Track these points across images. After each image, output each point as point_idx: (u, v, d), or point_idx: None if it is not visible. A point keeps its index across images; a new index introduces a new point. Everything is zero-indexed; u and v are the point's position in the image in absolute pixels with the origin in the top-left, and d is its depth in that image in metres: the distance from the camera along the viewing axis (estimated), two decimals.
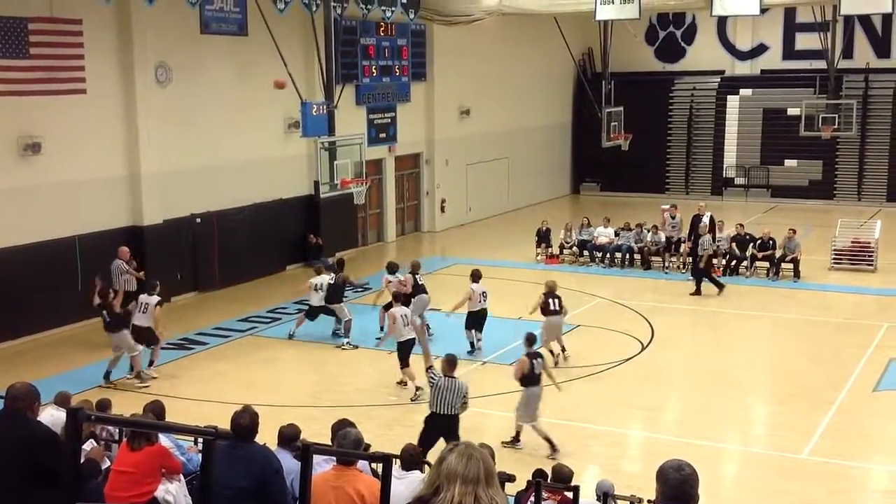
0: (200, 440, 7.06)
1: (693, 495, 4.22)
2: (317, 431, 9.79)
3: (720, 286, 21.17)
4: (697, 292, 21.01)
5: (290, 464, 6.53)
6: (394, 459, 7.46)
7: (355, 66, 25.08)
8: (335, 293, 17.79)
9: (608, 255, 24.42)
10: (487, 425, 14.05)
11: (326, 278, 17.81)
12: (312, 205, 24.20)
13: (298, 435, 7.30)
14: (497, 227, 30.37)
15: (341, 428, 7.85)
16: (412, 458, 7.37)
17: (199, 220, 21.47)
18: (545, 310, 16.49)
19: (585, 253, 24.76)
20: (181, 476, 7.04)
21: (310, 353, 17.29)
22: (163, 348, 16.66)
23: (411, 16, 25.76)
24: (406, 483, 7.00)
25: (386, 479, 5.13)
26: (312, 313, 17.86)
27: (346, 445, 6.13)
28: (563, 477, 8.23)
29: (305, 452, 4.88)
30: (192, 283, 21.40)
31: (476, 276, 17.55)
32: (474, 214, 31.07)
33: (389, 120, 27.68)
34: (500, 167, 32.51)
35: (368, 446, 8.16)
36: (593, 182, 37.20)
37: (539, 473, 8.99)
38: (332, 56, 22.96)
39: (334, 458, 6.19)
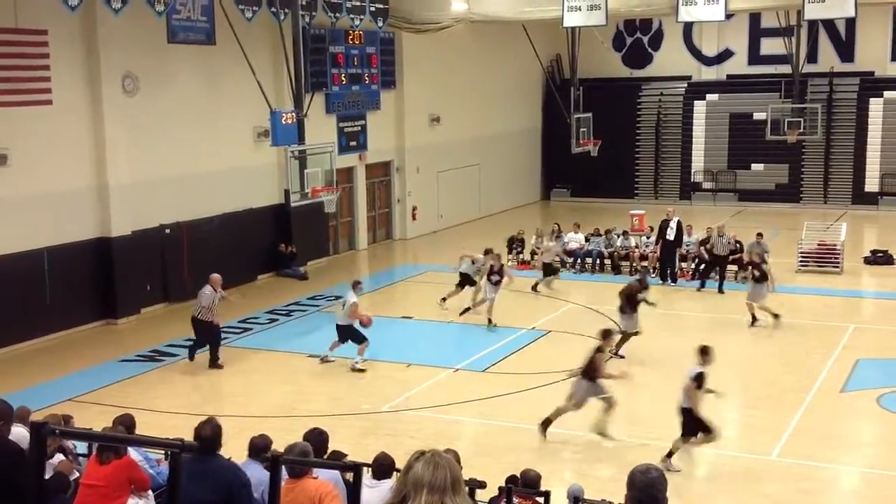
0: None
1: (660, 498, 4.27)
2: (290, 442, 9.75)
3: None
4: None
5: (260, 475, 6.52)
6: (366, 468, 7.49)
7: (324, 75, 25.06)
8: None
9: (579, 261, 24.55)
10: (460, 431, 14.09)
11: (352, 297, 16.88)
12: (283, 214, 24.15)
13: (269, 446, 7.28)
14: (468, 234, 30.41)
15: (313, 437, 7.86)
16: (384, 467, 7.37)
17: (168, 230, 21.34)
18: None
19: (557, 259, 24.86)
20: (150, 490, 6.99)
21: (282, 364, 17.22)
22: (128, 360, 16.68)
23: (380, 24, 25.79)
24: (378, 492, 7.02)
25: (356, 488, 5.14)
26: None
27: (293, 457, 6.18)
28: (531, 481, 8.26)
29: (274, 463, 4.90)
30: (161, 293, 21.23)
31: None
32: (446, 221, 31.13)
33: (359, 128, 27.68)
34: (470, 174, 32.59)
35: (344, 455, 8.17)
36: (563, 188, 37.38)
37: (512, 479, 9.02)
38: (301, 64, 22.95)
39: (313, 469, 6.24)
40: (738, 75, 35.04)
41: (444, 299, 20.64)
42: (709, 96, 35.47)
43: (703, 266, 22.84)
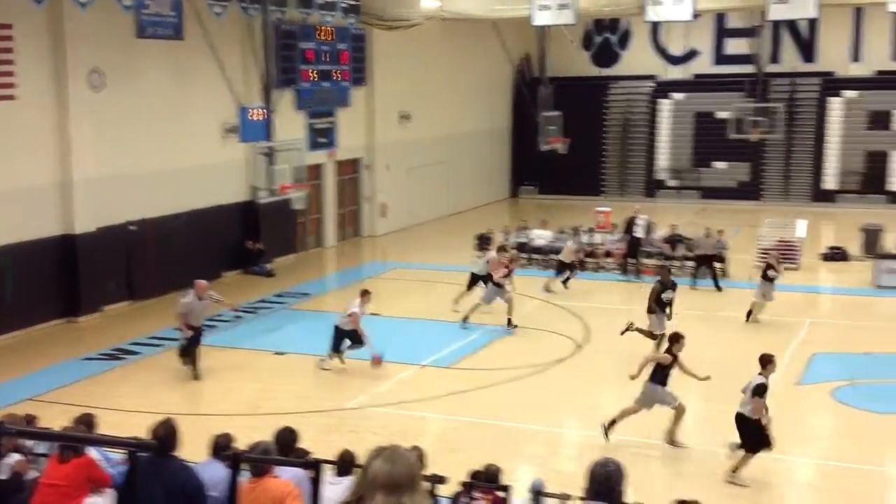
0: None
1: (617, 490, 4.44)
2: (255, 440, 9.83)
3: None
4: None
5: (222, 474, 6.61)
6: (329, 465, 7.62)
7: (294, 71, 25.06)
8: None
9: (546, 257, 24.78)
10: (425, 428, 14.24)
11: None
12: (251, 210, 24.15)
13: (230, 444, 7.37)
14: (437, 231, 30.59)
15: (283, 436, 7.96)
16: (346, 464, 7.50)
17: (133, 227, 21.26)
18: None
19: (524, 255, 25.08)
20: (109, 489, 7.04)
21: (247, 361, 17.25)
22: (91, 359, 16.63)
23: (351, 20, 25.84)
24: (340, 489, 7.13)
25: (316, 485, 5.26)
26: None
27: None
28: (491, 476, 8.42)
29: (234, 462, 5.00)
30: (126, 291, 21.13)
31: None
32: (415, 218, 31.25)
33: (329, 125, 27.71)
34: (440, 171, 32.73)
35: (308, 453, 8.28)
36: (532, 185, 37.63)
37: (475, 475, 9.18)
38: (270, 60, 23.00)
39: (285, 467, 6.31)
40: (704, 75, 35.45)
41: (456, 301, 20.28)
42: (675, 95, 35.87)
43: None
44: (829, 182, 34.02)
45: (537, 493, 8.94)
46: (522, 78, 36.40)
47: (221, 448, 7.35)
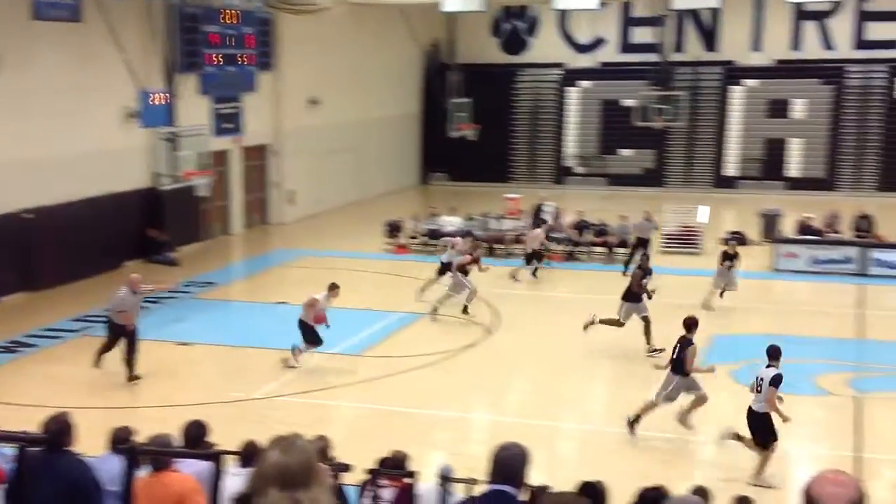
0: None
1: (519, 472, 4.45)
2: (162, 432, 9.60)
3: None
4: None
5: (120, 468, 6.42)
6: (232, 457, 7.48)
7: (198, 55, 24.51)
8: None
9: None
10: (334, 416, 14.15)
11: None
12: (153, 198, 23.55)
13: (129, 437, 7.17)
14: (347, 218, 30.38)
15: (191, 429, 7.78)
16: (249, 455, 7.37)
17: (30, 215, 20.49)
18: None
19: (434, 242, 25.13)
20: (2, 485, 6.78)
21: (150, 353, 16.82)
22: None
23: (257, 4, 25.38)
24: (243, 479, 7.02)
25: (216, 477, 5.16)
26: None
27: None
28: (398, 463, 8.40)
29: (130, 455, 4.86)
30: (21, 282, 20.37)
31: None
32: (324, 205, 30.96)
33: (235, 110, 27.21)
34: (349, 158, 32.48)
35: (211, 445, 8.10)
36: (442, 172, 37.68)
37: (383, 462, 9.14)
38: (173, 44, 22.47)
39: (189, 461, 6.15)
40: (610, 63, 35.99)
41: (422, 290, 20.04)
42: (582, 83, 36.33)
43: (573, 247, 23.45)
44: (730, 169, 34.97)
45: (444, 478, 8.95)
46: (432, 64, 36.40)
47: (119, 441, 7.14)
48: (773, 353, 11.50)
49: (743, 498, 7.48)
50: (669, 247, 24.40)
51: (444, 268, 19.74)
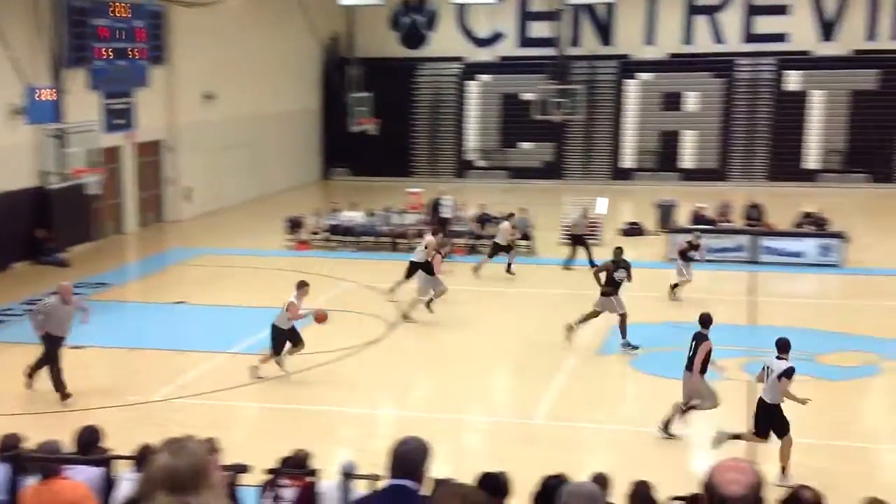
0: None
1: (419, 466, 4.41)
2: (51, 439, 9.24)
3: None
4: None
5: (8, 475, 6.16)
6: (126, 462, 7.24)
7: (87, 49, 23.70)
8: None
9: (358, 239, 24.73)
10: (236, 416, 13.89)
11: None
12: (40, 197, 22.67)
13: (18, 444, 6.88)
14: (246, 215, 29.87)
15: (84, 435, 7.49)
16: (144, 458, 7.15)
17: None
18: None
19: (335, 237, 24.94)
20: None
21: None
22: None
23: None
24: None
25: (107, 483, 4.97)
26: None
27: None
28: (299, 461, 8.27)
29: (16, 462, 4.64)
30: None
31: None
32: (222, 202, 30.37)
33: (127, 105, 26.43)
34: (247, 153, 31.93)
35: (105, 451, 7.84)
36: (343, 167, 37.41)
37: (285, 461, 8.99)
38: (60, 38, 21.68)
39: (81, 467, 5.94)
40: (509, 57, 36.28)
41: (392, 290, 19.41)
42: (482, 77, 36.53)
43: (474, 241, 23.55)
44: (627, 161, 35.68)
45: (347, 474, 8.86)
46: (331, 58, 36.09)
47: (6, 449, 6.85)
48: (784, 346, 11.36)
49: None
50: (569, 238, 24.71)
51: (414, 267, 18.81)
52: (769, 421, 11.24)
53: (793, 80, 34.10)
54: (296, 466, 8.16)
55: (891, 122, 33.05)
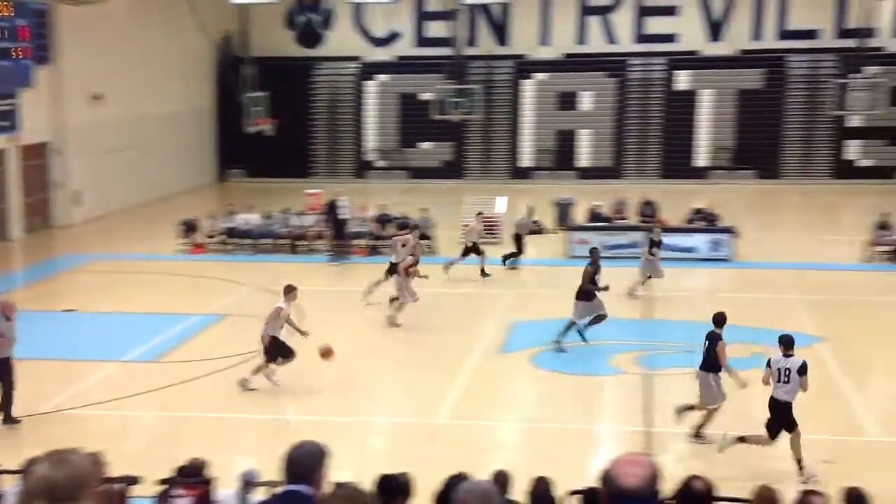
0: None
1: (314, 471, 4.33)
2: None
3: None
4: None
5: None
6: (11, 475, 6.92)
7: None
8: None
9: (255, 242, 24.34)
10: (128, 427, 13.46)
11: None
12: None
13: None
14: (138, 219, 29.09)
15: None
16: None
17: None
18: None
19: (231, 241, 24.48)
20: None
21: None
22: None
23: None
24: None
25: None
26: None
27: None
28: (195, 471, 8.06)
29: None
30: None
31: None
32: (113, 206, 29.47)
33: (10, 106, 25.29)
34: (139, 155, 31.07)
35: None
36: (240, 168, 36.79)
37: (181, 470, 8.75)
38: None
39: None
40: (407, 57, 36.27)
41: (368, 293, 18.93)
42: (380, 76, 36.41)
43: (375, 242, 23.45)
44: (525, 160, 36.08)
45: (247, 482, 8.68)
46: (225, 57, 35.44)
47: None
48: (788, 342, 11.31)
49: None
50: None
51: (393, 268, 18.51)
52: (783, 419, 11.18)
53: (683, 80, 35.05)
54: (191, 475, 7.95)
55: (776, 120, 34.31)
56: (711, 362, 12.06)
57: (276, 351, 14.45)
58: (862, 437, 12.40)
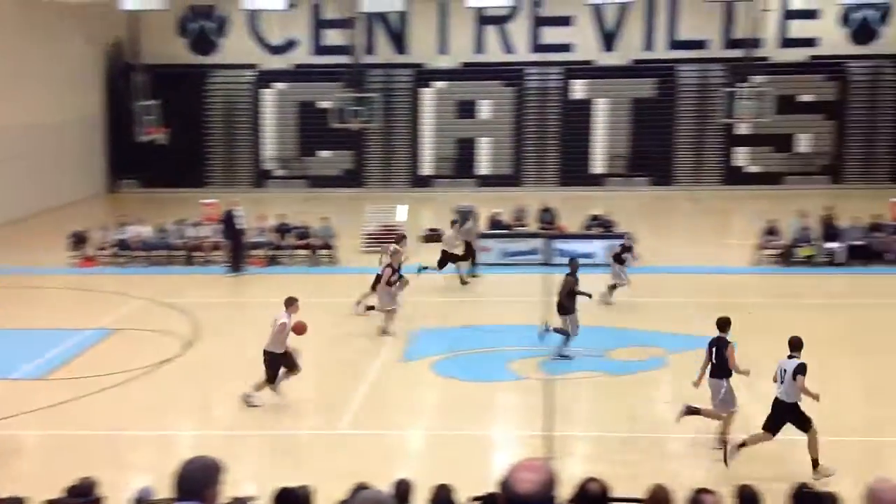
0: None
1: (206, 486, 4.20)
2: None
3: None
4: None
5: None
6: None
7: None
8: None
9: (149, 254, 23.71)
10: (13, 447, 12.88)
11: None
12: None
13: None
14: (23, 231, 27.99)
15: None
16: None
17: None
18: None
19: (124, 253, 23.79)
20: None
21: None
22: None
23: None
24: None
25: None
26: None
27: None
28: (85, 490, 7.75)
29: None
30: None
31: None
32: None
33: None
34: (24, 165, 29.90)
35: None
36: (133, 178, 35.81)
37: (70, 490, 8.41)
38: None
39: None
40: (304, 65, 35.94)
41: (358, 303, 18.43)
42: (277, 85, 36.00)
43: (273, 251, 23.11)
44: (426, 168, 36.16)
45: (141, 500, 8.39)
46: (115, 65, 34.48)
47: None
48: (796, 344, 11.39)
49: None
50: (371, 246, 24.74)
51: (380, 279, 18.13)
52: (784, 419, 11.28)
53: (578, 89, 35.69)
54: (81, 495, 7.64)
55: (668, 128, 35.25)
56: (724, 368, 12.00)
57: (279, 365, 14.01)
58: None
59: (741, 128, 34.36)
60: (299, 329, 13.98)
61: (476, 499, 7.25)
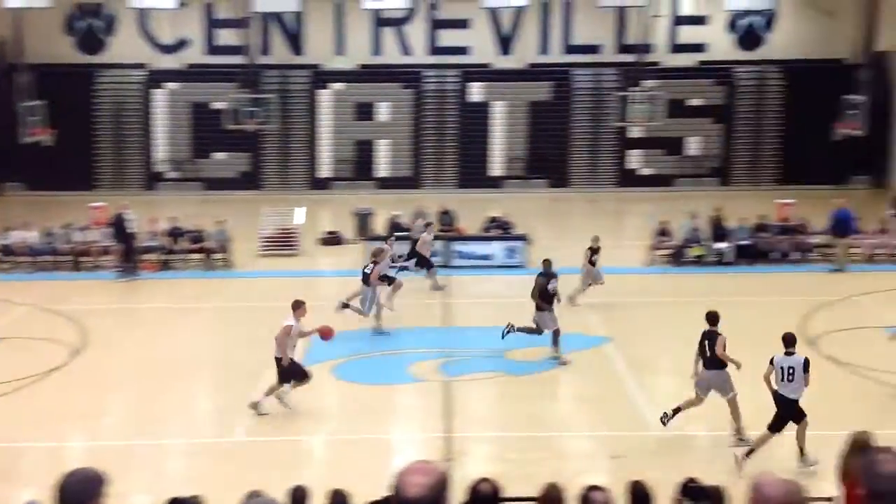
0: None
1: (88, 499, 4.10)
2: None
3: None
4: None
5: None
6: None
7: None
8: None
9: (34, 259, 22.84)
10: None
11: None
12: None
13: None
14: None
15: None
16: None
17: None
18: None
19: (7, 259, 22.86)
20: None
21: None
22: None
23: None
24: None
25: None
26: None
27: None
28: None
29: None
30: None
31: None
32: None
33: None
34: None
35: None
36: (17, 182, 34.42)
37: None
38: None
39: None
40: (197, 65, 35.16)
41: (345, 305, 17.74)
42: (169, 85, 35.13)
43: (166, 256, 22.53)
44: (324, 170, 35.83)
45: None
46: None
47: None
48: (790, 340, 11.55)
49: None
50: (267, 249, 24.42)
51: (381, 279, 18.11)
52: (789, 415, 11.49)
53: (476, 92, 35.91)
54: None
55: (564, 131, 35.79)
56: (717, 360, 12.26)
57: (290, 373, 13.61)
58: (647, 432, 13.01)
59: (634, 131, 35.15)
60: (326, 333, 13.81)
61: (372, 503, 7.17)
